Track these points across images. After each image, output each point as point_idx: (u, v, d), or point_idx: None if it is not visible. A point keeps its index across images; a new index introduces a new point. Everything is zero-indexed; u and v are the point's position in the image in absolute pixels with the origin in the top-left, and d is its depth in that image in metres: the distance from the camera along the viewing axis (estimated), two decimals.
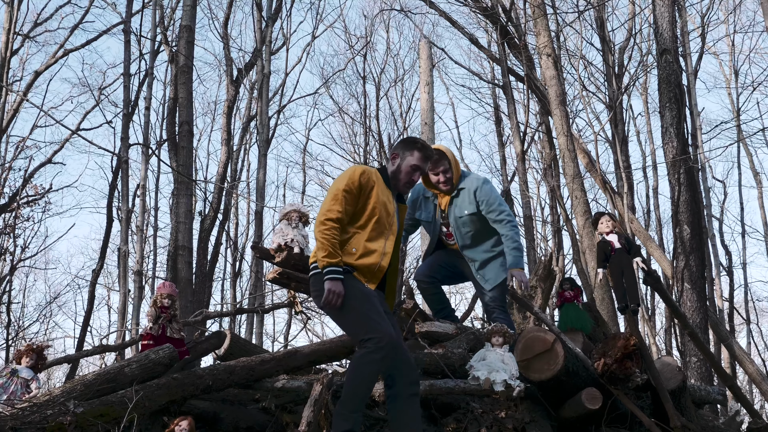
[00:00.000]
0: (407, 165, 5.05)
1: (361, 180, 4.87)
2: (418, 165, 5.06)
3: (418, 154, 5.06)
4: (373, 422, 6.12)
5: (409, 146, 5.10)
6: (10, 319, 25.39)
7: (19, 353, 6.13)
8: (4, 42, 19.18)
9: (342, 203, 4.81)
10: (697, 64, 20.25)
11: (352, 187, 4.85)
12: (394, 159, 5.10)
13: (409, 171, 5.05)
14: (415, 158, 5.06)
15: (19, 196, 23.09)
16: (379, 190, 4.94)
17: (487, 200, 6.65)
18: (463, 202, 6.71)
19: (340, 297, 4.71)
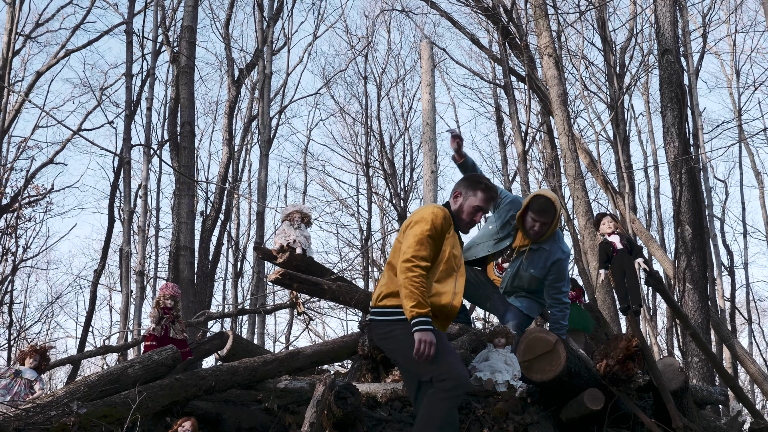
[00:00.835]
0: (470, 206, 4.90)
1: (443, 225, 4.76)
2: (481, 206, 4.91)
3: (481, 195, 4.91)
4: (376, 423, 6.12)
5: (472, 186, 4.93)
6: (12, 319, 25.41)
7: (22, 354, 6.14)
8: (5, 42, 19.20)
9: (428, 248, 4.68)
10: (699, 63, 20.24)
11: (435, 232, 4.72)
12: (457, 198, 4.95)
13: (472, 212, 4.91)
14: (479, 199, 4.90)
15: (21, 196, 23.11)
16: (452, 231, 4.85)
17: (557, 276, 6.59)
18: (537, 261, 6.58)
19: (433, 346, 4.53)
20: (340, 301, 7.56)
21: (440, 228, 4.73)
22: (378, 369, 6.89)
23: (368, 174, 27.70)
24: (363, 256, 26.02)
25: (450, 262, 4.78)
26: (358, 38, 28.69)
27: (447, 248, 4.77)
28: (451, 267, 4.79)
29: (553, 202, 6.37)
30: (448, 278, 4.77)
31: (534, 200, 6.36)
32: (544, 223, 6.37)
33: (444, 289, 4.74)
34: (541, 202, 6.30)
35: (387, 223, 29.33)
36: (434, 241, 4.71)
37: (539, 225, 6.38)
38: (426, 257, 4.64)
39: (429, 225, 4.71)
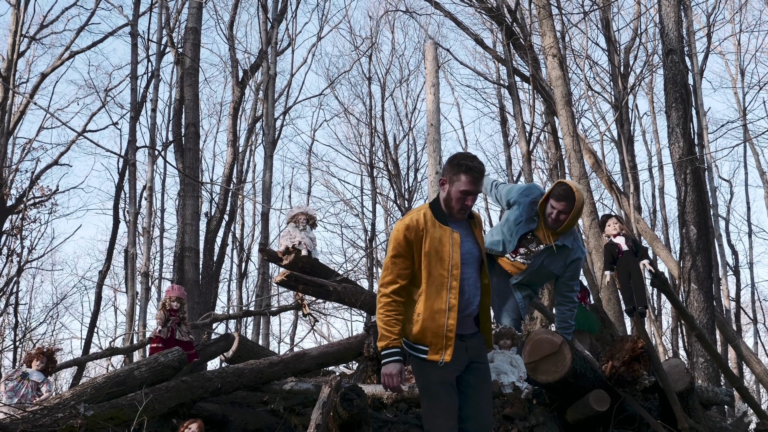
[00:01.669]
0: (456, 191, 4.46)
1: (407, 237, 4.40)
2: (468, 190, 4.44)
3: (465, 177, 4.44)
4: (381, 424, 6.14)
5: (454, 170, 4.48)
6: (18, 320, 25.46)
7: (29, 357, 6.16)
8: (10, 44, 19.25)
9: (393, 270, 4.40)
10: (703, 63, 20.21)
11: (399, 249, 4.41)
12: (443, 185, 4.53)
13: (460, 197, 4.46)
14: (463, 183, 4.44)
15: (26, 197, 23.16)
16: (430, 236, 4.43)
17: (572, 274, 6.47)
18: (558, 258, 6.44)
19: (394, 378, 4.30)
20: (345, 302, 7.56)
21: (404, 242, 4.40)
22: None
23: (372, 174, 27.73)
24: (367, 257, 26.02)
25: (435, 273, 4.41)
26: (362, 39, 28.76)
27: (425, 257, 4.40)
28: (439, 277, 4.40)
29: (574, 190, 6.19)
30: (440, 291, 4.40)
31: (556, 187, 6.23)
32: (562, 212, 6.18)
33: (436, 305, 4.38)
34: (561, 189, 6.13)
35: (391, 223, 29.33)
36: (403, 259, 4.40)
37: (556, 213, 6.19)
38: (391, 281, 4.38)
39: (391, 246, 4.46)
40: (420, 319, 4.36)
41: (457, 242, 4.44)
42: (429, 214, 4.50)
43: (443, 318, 4.35)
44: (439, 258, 4.40)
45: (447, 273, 4.40)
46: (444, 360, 4.33)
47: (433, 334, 4.34)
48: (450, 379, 4.37)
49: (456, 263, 4.41)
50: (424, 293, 4.37)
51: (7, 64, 19.54)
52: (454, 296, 4.38)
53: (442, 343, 4.34)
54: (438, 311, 4.35)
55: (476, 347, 4.52)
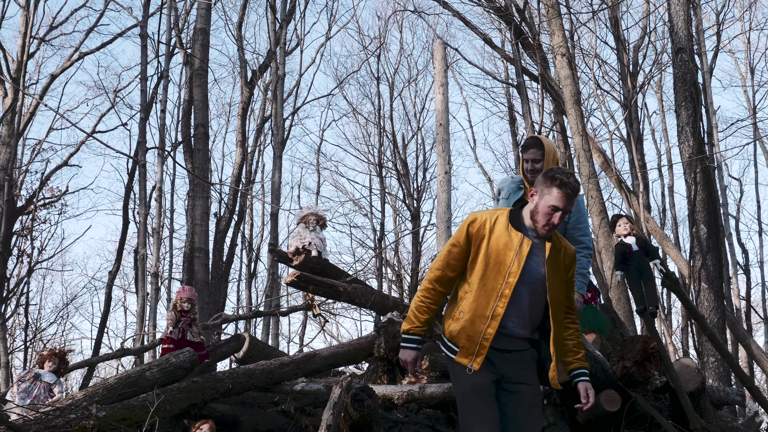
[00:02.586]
0: (545, 205, 4.20)
1: (469, 230, 4.23)
2: (557, 206, 4.19)
3: (557, 192, 4.19)
4: (392, 425, 6.14)
5: (548, 182, 4.24)
6: (28, 320, 25.58)
7: (41, 358, 6.19)
8: (20, 46, 19.31)
9: (445, 259, 4.26)
10: (713, 61, 20.17)
11: (459, 238, 4.24)
12: (533, 196, 4.29)
13: (548, 212, 4.20)
14: (554, 197, 4.19)
15: (36, 198, 23.25)
16: (495, 238, 4.21)
17: (578, 217, 6.27)
18: None
19: (408, 365, 4.22)
20: (355, 302, 7.58)
21: (466, 234, 4.24)
22: (394, 371, 6.91)
23: (381, 174, 27.73)
24: (377, 257, 26.03)
25: (488, 278, 4.17)
26: (370, 39, 28.76)
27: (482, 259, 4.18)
28: (491, 283, 4.17)
29: (540, 139, 6.14)
30: (489, 297, 4.16)
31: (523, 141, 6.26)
32: (535, 160, 6.06)
33: (480, 309, 4.16)
34: (527, 140, 6.09)
35: (401, 223, 29.35)
36: (459, 249, 4.24)
37: (530, 164, 6.08)
38: (439, 267, 4.26)
39: (455, 233, 4.30)
40: (461, 318, 4.18)
41: (525, 252, 4.18)
42: (504, 217, 4.29)
43: (483, 324, 4.13)
44: (498, 262, 4.18)
45: (502, 280, 4.16)
46: (472, 368, 4.13)
47: (468, 338, 4.15)
48: (484, 386, 4.15)
49: (515, 272, 4.15)
50: (472, 294, 4.18)
51: (17, 65, 19.62)
52: (502, 305, 4.14)
53: (474, 349, 4.15)
54: (480, 316, 4.14)
55: (516, 363, 4.24)
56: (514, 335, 4.21)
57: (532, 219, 4.25)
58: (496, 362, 4.17)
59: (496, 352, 4.17)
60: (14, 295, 23.71)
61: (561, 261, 4.30)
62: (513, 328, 4.19)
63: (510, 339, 4.20)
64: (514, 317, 4.18)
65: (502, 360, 4.18)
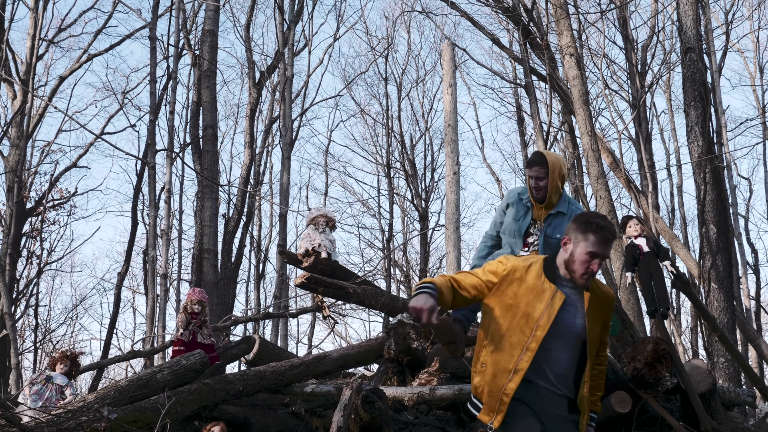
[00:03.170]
0: (581, 253, 3.93)
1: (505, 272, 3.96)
2: (595, 252, 3.92)
3: (593, 238, 3.93)
4: (402, 426, 6.14)
5: (582, 228, 3.97)
6: (38, 321, 25.68)
7: (53, 360, 6.21)
8: (29, 48, 19.39)
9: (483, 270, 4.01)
10: (722, 61, 20.10)
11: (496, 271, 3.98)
12: (566, 245, 4.01)
13: (585, 260, 3.92)
14: (591, 243, 3.93)
15: (45, 200, 23.33)
16: (525, 287, 3.94)
17: None
18: (559, 226, 6.28)
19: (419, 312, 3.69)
20: (365, 304, 7.58)
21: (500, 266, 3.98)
22: (404, 372, 6.91)
23: (389, 175, 27.74)
24: (385, 258, 26.02)
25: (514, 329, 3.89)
26: (378, 39, 28.76)
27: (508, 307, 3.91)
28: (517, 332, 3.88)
29: (545, 155, 6.09)
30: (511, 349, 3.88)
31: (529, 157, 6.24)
32: (539, 177, 6.06)
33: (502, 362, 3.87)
34: (532, 157, 6.07)
35: (408, 223, 29.35)
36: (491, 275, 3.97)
37: (534, 181, 6.09)
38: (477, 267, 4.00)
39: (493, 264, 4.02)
40: (483, 371, 3.91)
41: (557, 305, 3.89)
42: (538, 266, 4.01)
43: (505, 379, 3.83)
44: (525, 313, 3.89)
45: (529, 332, 3.86)
46: (492, 426, 3.84)
47: (489, 393, 3.87)
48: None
49: (543, 326, 3.85)
50: (495, 345, 3.90)
51: (26, 67, 19.69)
52: (527, 360, 3.83)
53: (495, 406, 3.86)
54: (502, 370, 3.85)
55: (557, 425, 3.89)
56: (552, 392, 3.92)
57: (567, 269, 3.97)
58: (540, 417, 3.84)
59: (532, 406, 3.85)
60: (24, 297, 23.82)
61: (600, 309, 4.05)
62: (546, 386, 3.91)
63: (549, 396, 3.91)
64: (549, 373, 3.91)
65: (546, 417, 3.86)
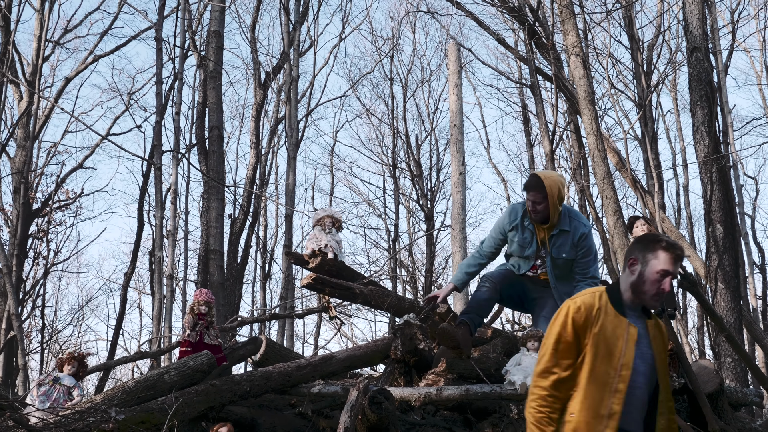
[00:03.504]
0: (652, 272, 3.76)
1: (575, 320, 3.70)
2: (667, 270, 3.76)
3: (664, 255, 3.78)
4: (409, 427, 6.14)
5: (650, 247, 3.84)
6: (44, 322, 25.74)
7: (60, 361, 6.22)
8: (35, 49, 19.42)
9: (553, 359, 3.69)
10: (728, 60, 20.06)
11: (564, 334, 3.69)
12: (633, 266, 3.84)
13: (657, 279, 3.76)
14: (662, 261, 3.77)
15: (52, 201, 23.38)
16: (603, 323, 3.72)
17: (585, 250, 6.36)
18: (564, 245, 6.35)
19: None
20: (371, 305, 7.58)
21: (572, 327, 3.70)
22: (411, 373, 6.92)
23: (395, 175, 27.73)
24: (391, 259, 26.03)
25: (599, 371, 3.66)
26: (383, 40, 28.76)
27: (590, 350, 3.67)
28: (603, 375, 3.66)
29: (541, 177, 6.09)
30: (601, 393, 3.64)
31: (526, 181, 6.22)
32: (536, 202, 6.10)
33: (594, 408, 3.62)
34: (528, 181, 6.10)
35: (414, 224, 29.34)
36: (568, 345, 3.69)
37: (532, 204, 6.14)
38: (549, 369, 3.67)
39: (555, 330, 3.74)
40: (573, 420, 3.63)
41: (633, 339, 3.72)
42: (605, 298, 3.81)
43: (600, 426, 3.61)
44: (608, 352, 3.68)
45: (614, 372, 3.66)
46: None
47: None
48: None
49: (627, 363, 3.67)
50: (582, 391, 3.64)
51: (32, 68, 19.71)
52: (618, 402, 3.63)
53: None
54: (596, 417, 3.61)
55: None
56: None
57: (635, 292, 3.81)
58: None
59: None
60: (30, 298, 23.88)
61: (661, 337, 3.91)
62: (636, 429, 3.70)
63: None
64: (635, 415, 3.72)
65: None
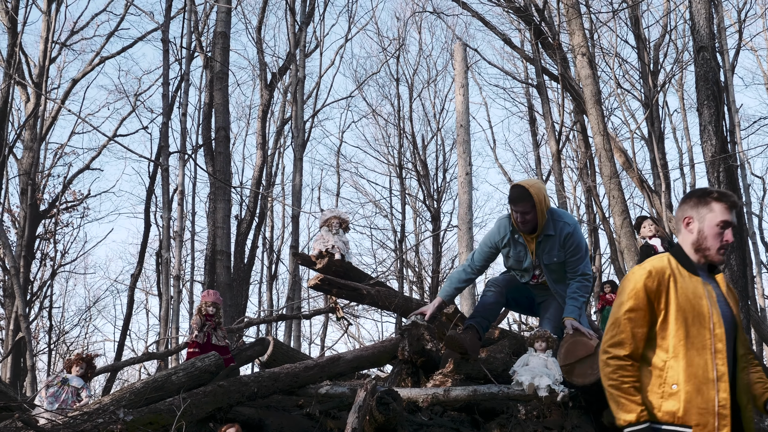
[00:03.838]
0: (711, 226, 3.63)
1: (647, 286, 3.51)
2: (726, 220, 3.62)
3: (719, 206, 3.64)
4: (417, 427, 6.14)
5: (702, 202, 3.68)
6: (52, 323, 25.81)
7: (69, 362, 6.23)
8: (42, 51, 19.48)
9: (626, 328, 3.51)
10: (735, 59, 20.02)
11: (637, 301, 3.51)
12: (689, 225, 3.68)
13: (718, 232, 3.62)
14: (719, 213, 3.63)
15: (59, 202, 23.45)
16: (681, 287, 3.54)
17: (574, 249, 6.30)
18: (552, 249, 6.33)
19: None
20: (379, 305, 7.58)
21: (644, 293, 3.51)
22: (418, 373, 6.91)
23: (401, 175, 27.75)
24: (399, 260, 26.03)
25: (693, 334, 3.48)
26: (389, 40, 28.77)
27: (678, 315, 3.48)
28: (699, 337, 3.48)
29: (526, 188, 6.04)
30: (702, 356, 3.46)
31: (510, 193, 6.12)
32: (525, 212, 6.06)
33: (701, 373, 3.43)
34: (512, 192, 6.05)
35: (421, 224, 29.34)
36: (641, 314, 3.50)
37: (521, 216, 6.09)
38: (624, 340, 3.49)
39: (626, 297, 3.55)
40: (679, 391, 3.42)
41: (714, 297, 3.57)
42: (674, 261, 3.64)
43: (712, 390, 3.41)
44: (698, 314, 3.50)
45: (709, 334, 3.49)
46: None
47: (700, 412, 3.39)
48: None
49: (718, 321, 3.50)
50: (683, 359, 3.45)
51: (39, 70, 19.77)
52: (722, 362, 3.45)
53: (713, 424, 3.40)
54: (705, 381, 3.41)
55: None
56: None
57: (698, 251, 3.67)
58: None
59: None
60: (38, 299, 23.95)
61: (731, 292, 3.74)
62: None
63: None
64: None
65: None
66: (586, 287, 6.35)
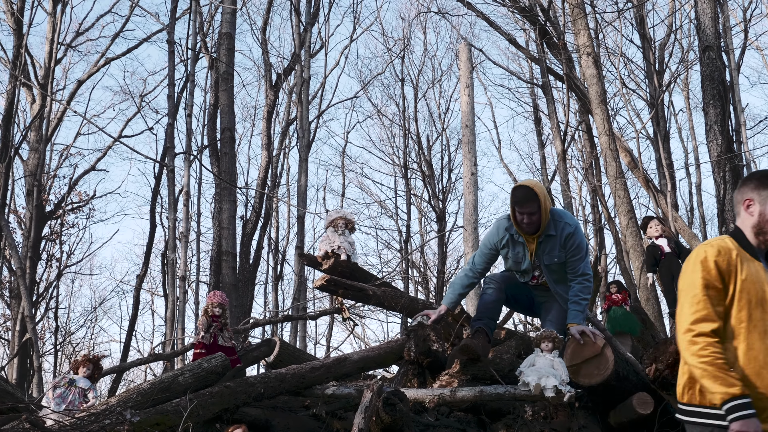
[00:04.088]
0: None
1: (718, 263, 3.42)
2: None
3: None
4: (423, 428, 6.14)
5: (764, 183, 3.55)
6: (58, 324, 25.84)
7: (76, 363, 6.24)
8: (47, 52, 19.53)
9: (707, 305, 3.37)
10: (740, 59, 19.96)
11: (710, 278, 3.40)
12: (749, 207, 3.56)
13: None
14: None
15: (64, 203, 23.49)
16: (746, 270, 3.44)
17: (575, 249, 6.29)
18: (553, 249, 6.32)
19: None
20: (385, 306, 7.59)
21: (716, 270, 3.41)
22: (424, 374, 6.91)
23: (406, 176, 27.73)
24: (404, 260, 26.02)
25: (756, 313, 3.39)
26: (394, 40, 28.79)
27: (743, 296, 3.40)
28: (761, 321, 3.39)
29: (532, 188, 6.05)
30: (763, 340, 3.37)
31: (513, 194, 6.10)
32: (531, 213, 6.06)
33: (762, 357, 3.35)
34: (518, 193, 6.03)
35: (426, 224, 29.33)
36: (716, 291, 3.40)
37: (526, 217, 6.09)
38: (706, 317, 3.35)
39: (699, 275, 3.42)
40: (738, 374, 3.32)
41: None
42: (735, 243, 3.53)
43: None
44: (760, 298, 3.42)
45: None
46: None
47: (758, 396, 3.30)
48: None
49: None
50: (744, 342, 3.37)
51: (44, 71, 19.82)
52: None
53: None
54: (765, 365, 3.34)
55: None
56: None
57: (759, 233, 3.56)
58: None
59: None
60: (44, 300, 23.98)
61: None
62: None
63: None
64: None
65: None
66: (587, 288, 6.36)
